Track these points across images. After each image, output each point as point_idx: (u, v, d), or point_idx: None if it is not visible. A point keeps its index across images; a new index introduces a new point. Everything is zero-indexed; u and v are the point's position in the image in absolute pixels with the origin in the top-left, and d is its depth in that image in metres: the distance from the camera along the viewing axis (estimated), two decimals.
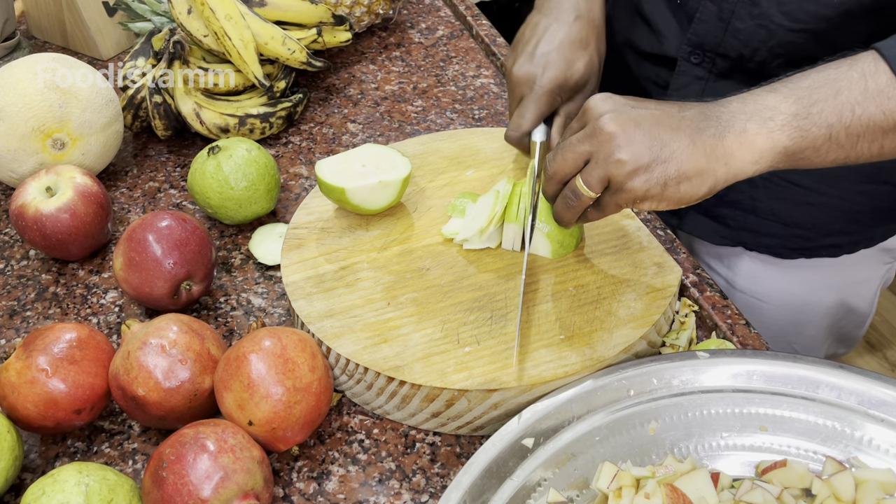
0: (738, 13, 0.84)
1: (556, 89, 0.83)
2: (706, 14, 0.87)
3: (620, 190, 0.66)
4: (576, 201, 0.69)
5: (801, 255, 1.01)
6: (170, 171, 1.01)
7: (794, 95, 0.66)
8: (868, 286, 1.06)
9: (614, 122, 0.66)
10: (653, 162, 0.65)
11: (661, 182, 0.65)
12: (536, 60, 0.84)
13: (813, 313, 1.05)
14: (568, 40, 0.84)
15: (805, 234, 0.99)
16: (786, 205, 0.96)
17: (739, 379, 0.68)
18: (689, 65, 0.91)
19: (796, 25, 0.81)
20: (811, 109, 0.66)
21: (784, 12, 0.81)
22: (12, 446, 0.66)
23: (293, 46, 1.04)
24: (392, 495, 0.68)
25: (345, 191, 0.80)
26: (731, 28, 0.85)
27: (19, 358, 0.69)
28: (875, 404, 0.66)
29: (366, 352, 0.72)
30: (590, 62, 0.85)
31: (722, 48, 0.87)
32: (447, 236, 0.81)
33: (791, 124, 0.65)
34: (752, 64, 0.86)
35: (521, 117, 0.84)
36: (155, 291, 0.78)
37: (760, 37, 0.84)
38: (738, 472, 0.65)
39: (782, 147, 0.66)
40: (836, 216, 0.98)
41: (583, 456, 0.65)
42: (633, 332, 0.72)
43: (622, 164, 0.65)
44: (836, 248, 1.00)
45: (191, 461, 0.61)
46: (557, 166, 0.70)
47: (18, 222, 0.85)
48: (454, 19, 1.26)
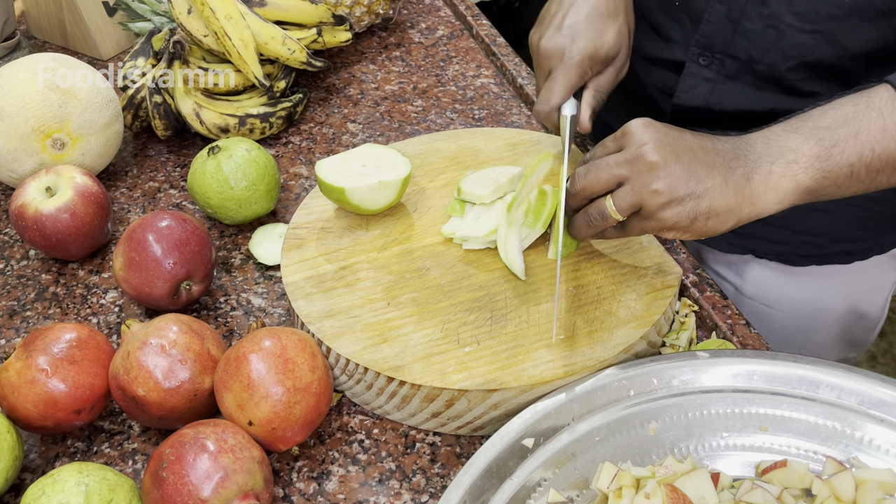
0: (748, 13, 0.83)
1: (586, 60, 0.81)
2: (714, 15, 0.86)
3: (651, 218, 0.67)
4: (600, 221, 0.70)
5: (811, 262, 1.00)
6: (170, 171, 1.01)
7: (815, 136, 0.67)
8: (879, 292, 1.05)
9: (657, 153, 0.67)
10: (687, 196, 0.66)
11: (691, 216, 0.67)
12: (564, 32, 0.81)
13: (823, 320, 1.04)
14: (596, 11, 0.82)
15: (815, 241, 0.98)
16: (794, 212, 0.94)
17: (739, 379, 0.68)
18: (698, 66, 0.89)
19: (806, 26, 0.81)
20: (832, 151, 0.67)
21: (794, 12, 0.80)
22: (12, 446, 0.66)
23: (293, 46, 1.04)
24: (392, 495, 0.68)
25: (345, 191, 0.80)
26: (740, 29, 0.84)
27: (19, 358, 0.69)
28: (875, 404, 0.66)
29: (366, 352, 0.72)
30: (619, 33, 0.83)
31: (731, 49, 0.86)
32: (446, 235, 0.81)
33: (814, 166, 0.67)
34: (762, 66, 0.85)
35: (550, 91, 0.81)
36: (155, 291, 0.78)
37: (770, 38, 0.83)
38: (739, 472, 0.65)
39: (805, 187, 0.68)
40: (846, 223, 0.96)
41: (583, 456, 0.65)
42: (633, 332, 0.72)
43: (658, 195, 0.66)
44: (847, 255, 0.99)
45: (191, 461, 0.61)
46: (588, 183, 0.70)
47: (18, 222, 0.85)
48: (454, 19, 1.26)
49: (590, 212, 0.71)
